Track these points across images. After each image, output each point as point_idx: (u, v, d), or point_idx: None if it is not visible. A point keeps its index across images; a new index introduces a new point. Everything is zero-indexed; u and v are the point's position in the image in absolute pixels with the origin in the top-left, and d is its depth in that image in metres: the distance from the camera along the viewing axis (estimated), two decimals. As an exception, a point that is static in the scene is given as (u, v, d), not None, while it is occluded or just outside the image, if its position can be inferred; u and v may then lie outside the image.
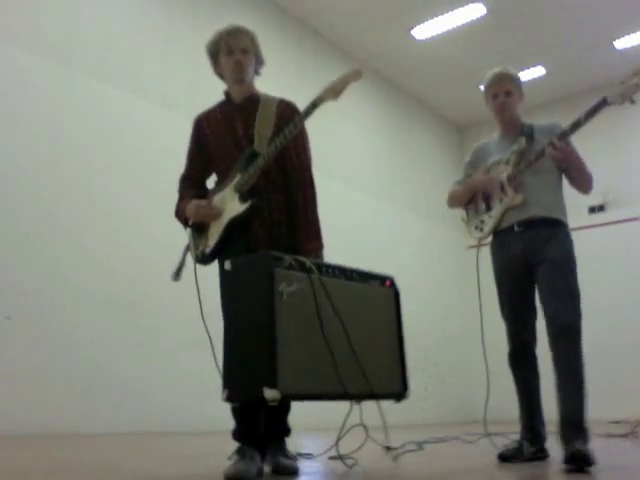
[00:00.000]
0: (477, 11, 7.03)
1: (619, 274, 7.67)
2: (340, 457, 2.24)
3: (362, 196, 7.61)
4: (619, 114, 8.28)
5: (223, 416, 2.33)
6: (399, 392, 2.14)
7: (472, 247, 2.96)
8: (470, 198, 2.74)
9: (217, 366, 1.95)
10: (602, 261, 7.57)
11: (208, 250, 2.24)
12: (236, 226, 2.17)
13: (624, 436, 4.01)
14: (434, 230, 8.64)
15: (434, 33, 7.35)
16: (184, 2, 5.88)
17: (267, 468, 2.16)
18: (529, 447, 2.49)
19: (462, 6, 6.96)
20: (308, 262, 1.94)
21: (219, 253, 2.22)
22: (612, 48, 7.73)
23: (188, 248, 2.32)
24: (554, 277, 2.43)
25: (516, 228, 2.55)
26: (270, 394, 1.70)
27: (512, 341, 2.59)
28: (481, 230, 2.69)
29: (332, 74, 2.12)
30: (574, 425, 2.25)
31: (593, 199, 8.03)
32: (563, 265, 2.46)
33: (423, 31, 7.28)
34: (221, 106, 2.35)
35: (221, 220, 2.20)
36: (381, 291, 2.20)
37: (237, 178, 2.17)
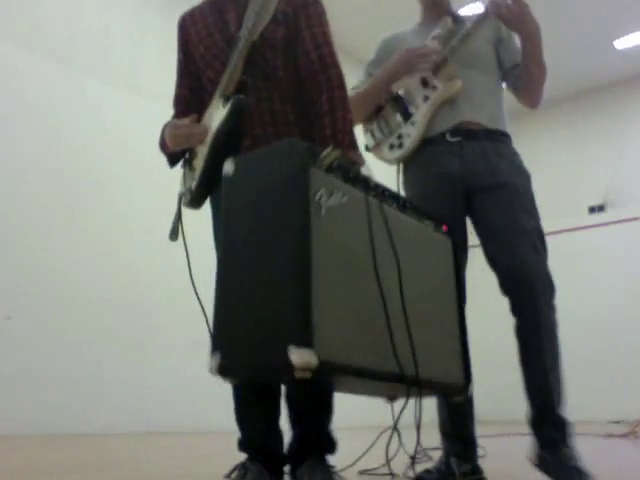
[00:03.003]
0: (476, 10, 7.03)
1: (619, 274, 7.66)
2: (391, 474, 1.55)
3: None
4: (619, 114, 8.30)
5: (223, 416, 2.17)
6: (460, 385, 1.53)
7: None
8: (378, 100, 2.00)
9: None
10: (602, 261, 7.57)
11: (194, 184, 1.64)
12: (227, 145, 1.56)
13: (624, 436, 4.02)
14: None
15: (434, 33, 7.35)
16: (184, 2, 5.88)
17: None
18: (461, 465, 1.81)
19: (462, 6, 6.96)
20: (356, 171, 1.33)
21: (209, 188, 1.64)
22: (612, 48, 7.72)
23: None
24: (516, 211, 1.79)
25: (449, 137, 1.87)
26: (301, 357, 1.01)
27: None
28: (400, 146, 1.94)
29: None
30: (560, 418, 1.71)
31: (593, 199, 8.03)
32: (527, 197, 1.84)
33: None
34: None
35: (206, 140, 1.60)
36: (437, 238, 1.59)
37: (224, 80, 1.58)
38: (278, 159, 1.24)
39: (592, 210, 8.19)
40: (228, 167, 1.31)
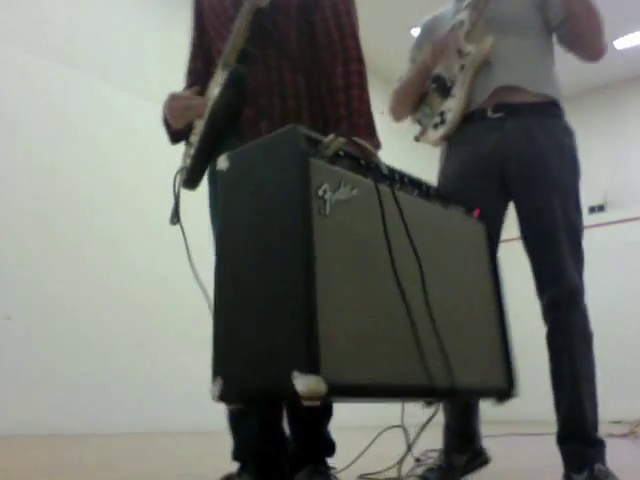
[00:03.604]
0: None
1: (619, 274, 7.66)
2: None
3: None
4: (619, 114, 8.30)
5: (223, 416, 2.22)
6: (503, 389, 1.39)
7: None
8: (422, 88, 1.90)
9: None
10: (602, 261, 7.56)
11: (189, 162, 1.52)
12: (226, 119, 1.44)
13: (624, 436, 4.01)
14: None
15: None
16: (185, 2, 5.88)
17: None
18: (459, 458, 1.77)
19: (462, 6, 6.95)
20: (369, 158, 1.17)
21: (205, 167, 1.53)
22: (612, 48, 7.72)
23: None
24: (561, 213, 1.65)
25: (490, 113, 1.72)
26: (307, 384, 0.91)
27: None
28: (443, 123, 1.81)
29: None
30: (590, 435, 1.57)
31: (593, 199, 8.03)
32: (572, 195, 1.70)
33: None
34: None
35: (204, 114, 1.47)
36: (468, 225, 1.43)
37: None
38: (275, 151, 1.10)
39: (592, 210, 8.19)
40: (222, 163, 1.19)
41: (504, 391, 1.40)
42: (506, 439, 3.72)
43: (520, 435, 4.01)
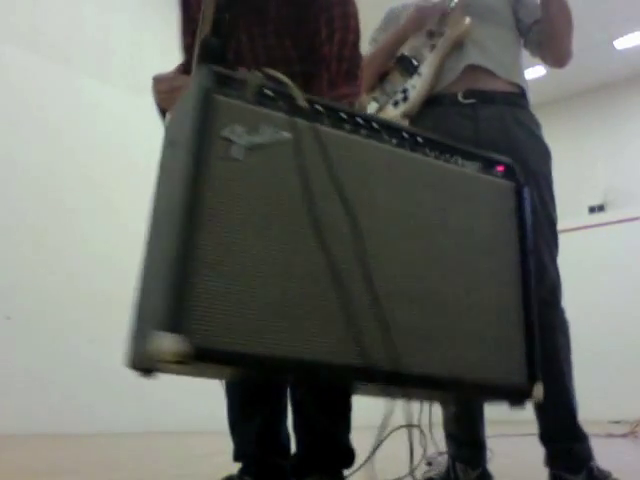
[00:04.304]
0: None
1: (619, 274, 7.66)
2: None
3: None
4: (619, 114, 8.30)
5: (223, 416, 2.21)
6: (521, 386, 1.10)
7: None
8: (383, 67, 1.81)
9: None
10: (602, 261, 7.57)
11: None
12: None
13: (624, 436, 4.01)
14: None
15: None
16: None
17: None
18: (468, 472, 1.64)
19: None
20: (312, 99, 1.03)
21: None
22: (612, 48, 7.72)
23: None
24: (540, 205, 1.56)
25: (462, 98, 1.64)
26: (162, 345, 0.83)
27: None
28: (405, 100, 1.71)
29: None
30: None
31: (593, 199, 8.04)
32: (544, 181, 1.61)
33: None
34: None
35: None
36: (482, 182, 1.19)
37: None
38: (186, 95, 1.00)
39: (592, 210, 8.19)
40: (166, 119, 1.10)
41: (521, 390, 1.10)
42: (506, 439, 3.71)
43: (520, 435, 4.00)
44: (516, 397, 1.11)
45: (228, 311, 0.88)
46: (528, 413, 1.41)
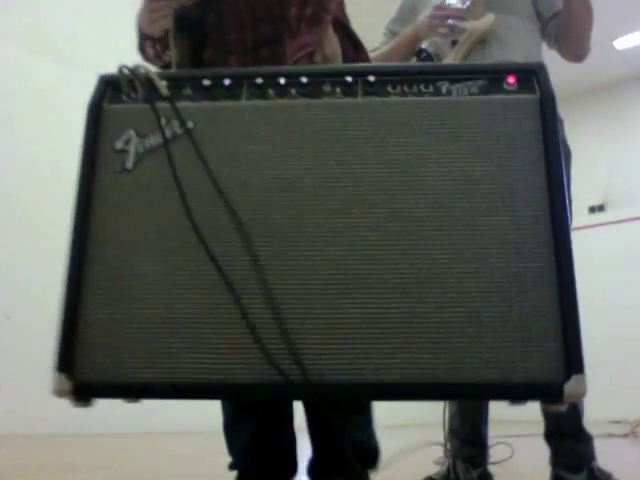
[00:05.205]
0: None
1: (619, 274, 7.66)
2: None
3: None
4: (619, 114, 8.30)
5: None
6: (553, 383, 0.81)
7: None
8: (405, 60, 1.78)
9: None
10: (602, 261, 7.57)
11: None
12: (189, 28, 1.29)
13: (624, 436, 4.02)
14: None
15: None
16: (184, 2, 5.88)
17: None
18: (469, 470, 1.64)
19: None
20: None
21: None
22: (612, 48, 7.72)
23: None
24: None
25: None
26: (55, 383, 0.92)
27: None
28: None
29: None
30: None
31: (593, 199, 8.03)
32: (569, 188, 1.55)
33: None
34: None
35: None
36: (486, 107, 0.87)
37: None
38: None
39: (592, 210, 8.19)
40: None
41: (553, 388, 0.80)
42: (505, 439, 3.71)
43: (521, 436, 4.00)
44: (546, 395, 0.83)
45: (114, 341, 0.87)
46: (528, 413, 1.40)
